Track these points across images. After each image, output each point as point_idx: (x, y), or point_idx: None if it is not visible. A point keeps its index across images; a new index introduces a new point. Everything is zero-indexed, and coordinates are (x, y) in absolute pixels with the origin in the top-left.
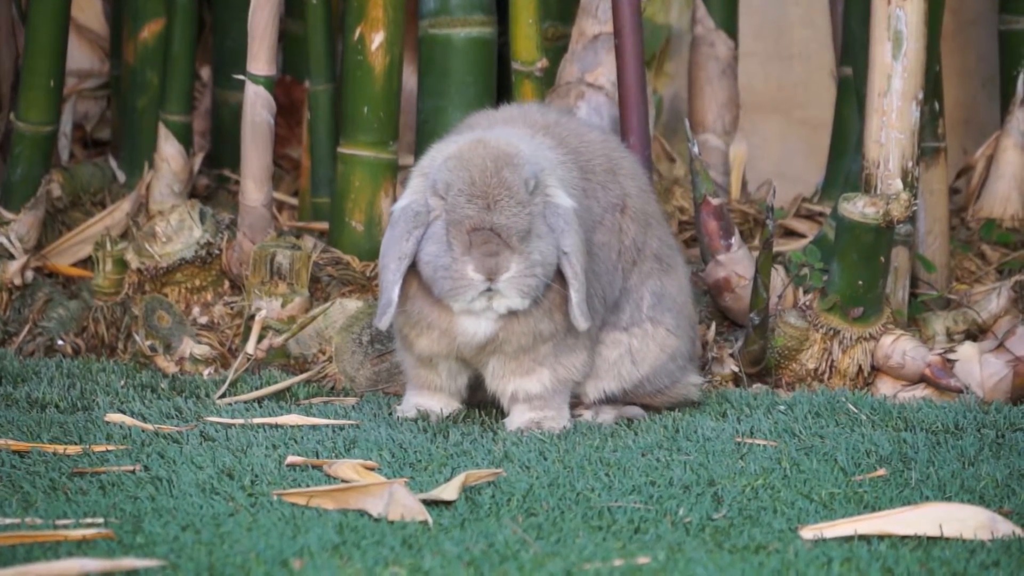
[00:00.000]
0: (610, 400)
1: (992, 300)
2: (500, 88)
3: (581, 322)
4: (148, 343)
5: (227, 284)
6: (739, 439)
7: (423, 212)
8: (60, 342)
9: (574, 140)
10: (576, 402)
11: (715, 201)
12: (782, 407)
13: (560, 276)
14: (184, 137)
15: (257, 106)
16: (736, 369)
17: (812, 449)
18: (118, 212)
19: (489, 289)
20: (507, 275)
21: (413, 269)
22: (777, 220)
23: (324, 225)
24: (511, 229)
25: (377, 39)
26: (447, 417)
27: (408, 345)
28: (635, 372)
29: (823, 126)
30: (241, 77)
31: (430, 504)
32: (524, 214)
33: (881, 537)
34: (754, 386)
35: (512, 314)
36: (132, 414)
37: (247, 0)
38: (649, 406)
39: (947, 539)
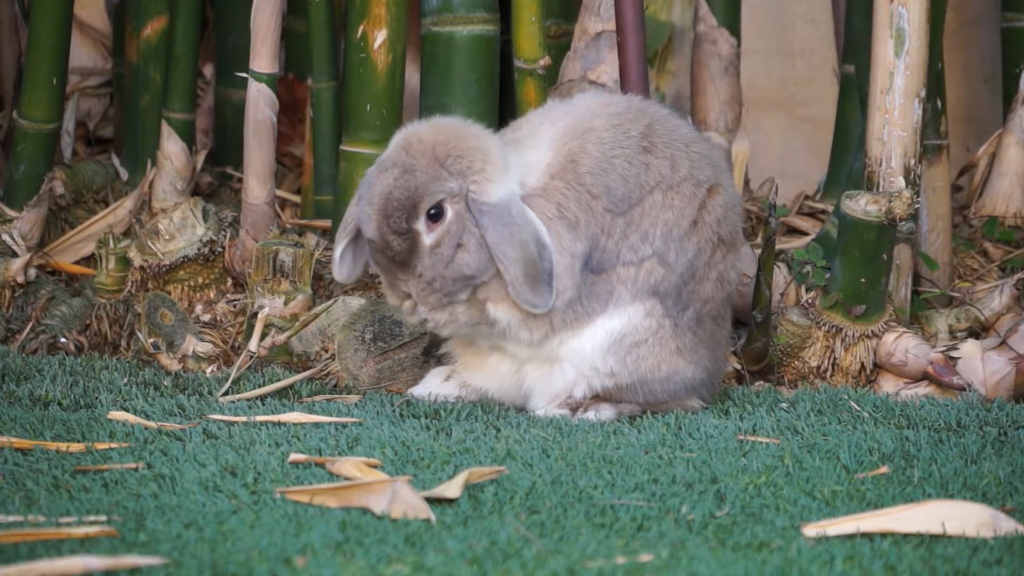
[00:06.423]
0: (605, 398)
1: (994, 298)
2: (503, 86)
3: (526, 305)
4: (151, 341)
5: (230, 282)
6: (741, 437)
7: None
8: (63, 340)
9: (661, 121)
10: (575, 403)
11: None
12: (784, 405)
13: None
14: (187, 135)
15: (260, 104)
16: (739, 367)
17: (814, 447)
18: (121, 210)
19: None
20: (407, 303)
21: None
22: (779, 218)
23: (327, 223)
24: (394, 261)
25: (380, 37)
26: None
27: None
28: (635, 369)
29: (825, 123)
30: (244, 75)
31: (433, 502)
32: (403, 246)
33: (884, 535)
34: (756, 384)
35: None
36: (135, 412)
37: None
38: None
39: (950, 537)
